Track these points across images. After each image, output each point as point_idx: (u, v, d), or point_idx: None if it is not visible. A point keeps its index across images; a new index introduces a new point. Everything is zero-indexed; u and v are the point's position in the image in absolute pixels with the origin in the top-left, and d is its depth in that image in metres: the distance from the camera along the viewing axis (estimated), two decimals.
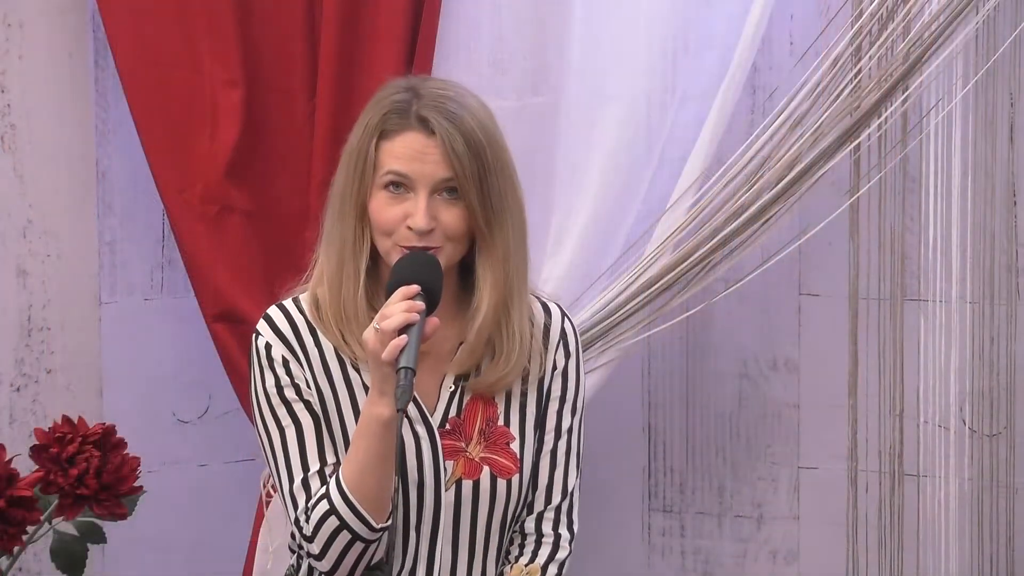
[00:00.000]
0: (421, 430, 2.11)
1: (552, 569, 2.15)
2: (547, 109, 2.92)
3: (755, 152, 2.85)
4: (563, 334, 2.19)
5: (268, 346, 2.12)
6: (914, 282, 3.00)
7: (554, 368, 2.17)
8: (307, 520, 2.06)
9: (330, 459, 2.09)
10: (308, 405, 2.10)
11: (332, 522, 2.04)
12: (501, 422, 2.13)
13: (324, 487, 2.06)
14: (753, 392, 3.16)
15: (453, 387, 2.13)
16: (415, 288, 1.98)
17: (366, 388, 2.09)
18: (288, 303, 2.16)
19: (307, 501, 2.08)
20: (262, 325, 2.14)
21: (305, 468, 2.09)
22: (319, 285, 2.13)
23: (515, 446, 2.13)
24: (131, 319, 3.09)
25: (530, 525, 2.17)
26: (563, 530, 2.17)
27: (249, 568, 2.92)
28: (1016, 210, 2.96)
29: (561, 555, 2.16)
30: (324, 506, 2.04)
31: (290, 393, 2.10)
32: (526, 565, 2.14)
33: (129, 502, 2.63)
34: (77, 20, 3.01)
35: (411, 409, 2.09)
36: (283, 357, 2.11)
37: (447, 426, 2.12)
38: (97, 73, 3.04)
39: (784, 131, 2.84)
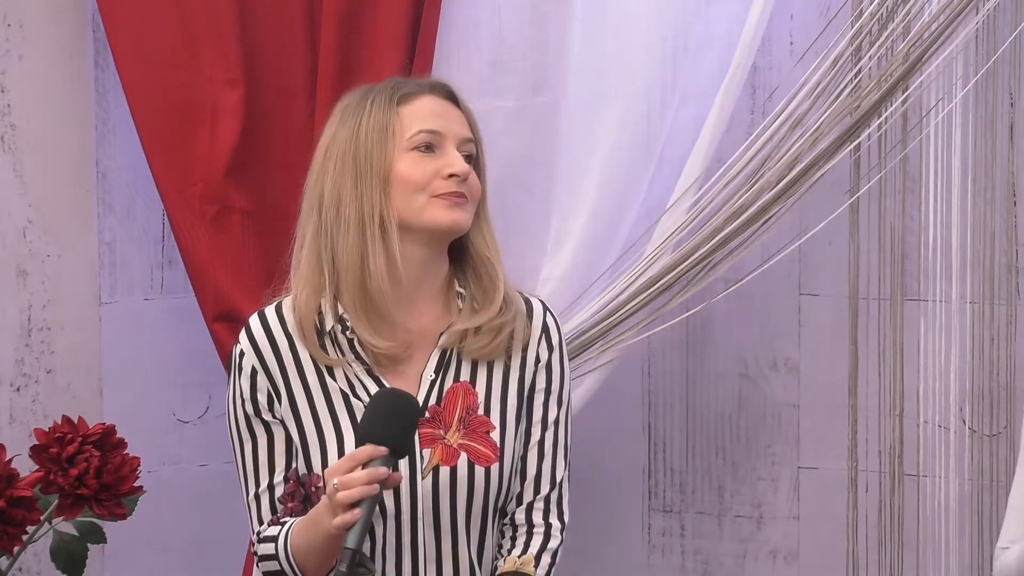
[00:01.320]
0: None
1: (545, 558, 2.16)
2: (547, 109, 2.93)
3: (755, 152, 2.85)
4: (545, 328, 2.20)
5: (242, 354, 2.14)
6: (914, 282, 3.00)
7: (537, 361, 2.18)
8: (259, 541, 2.11)
9: (277, 477, 2.12)
10: (265, 424, 2.13)
11: (275, 565, 2.10)
12: (481, 411, 2.14)
13: (278, 529, 2.09)
14: (753, 392, 3.16)
15: (434, 375, 2.14)
16: (382, 451, 1.94)
17: (343, 394, 2.10)
18: (269, 310, 2.17)
19: (259, 513, 2.13)
20: (242, 332, 2.15)
21: (257, 484, 2.14)
22: (302, 289, 2.12)
23: (495, 436, 2.13)
24: (131, 319, 3.09)
25: (520, 516, 2.17)
26: (553, 520, 2.17)
27: (249, 568, 2.92)
28: (1016, 210, 2.96)
29: (553, 544, 2.17)
30: (271, 548, 2.09)
31: (249, 408, 2.14)
32: (519, 556, 2.14)
33: (129, 502, 2.63)
34: (77, 20, 3.01)
35: None
36: (252, 368, 2.13)
37: (427, 414, 2.13)
38: (97, 73, 3.04)
39: (784, 131, 2.84)
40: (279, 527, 2.11)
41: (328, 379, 2.13)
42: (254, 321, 2.16)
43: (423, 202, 2.08)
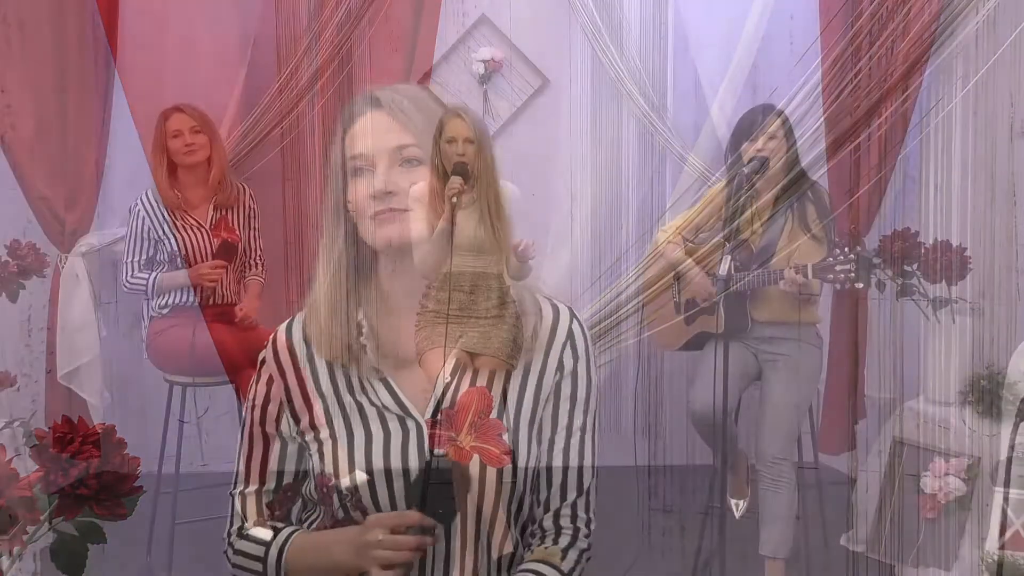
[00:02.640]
0: (411, 423, 2.11)
1: (572, 554, 2.16)
2: (547, 109, 2.93)
3: (755, 152, 2.85)
4: (571, 334, 2.19)
5: (263, 362, 2.14)
6: (915, 282, 3.00)
7: (560, 367, 2.17)
8: (241, 537, 2.12)
9: (265, 486, 2.15)
10: (265, 436, 2.15)
11: (258, 566, 2.11)
12: (495, 414, 2.14)
13: (270, 534, 2.10)
14: (753, 392, 3.16)
15: (449, 378, 2.14)
16: (430, 523, 1.99)
17: (356, 401, 2.10)
18: (296, 320, 2.17)
19: (243, 509, 2.16)
20: (271, 339, 2.15)
21: (246, 483, 2.17)
22: (309, 310, 2.14)
23: (507, 437, 2.13)
24: (131, 319, 3.09)
25: (548, 522, 2.17)
26: (580, 524, 2.18)
27: None
28: (1016, 210, 2.96)
29: (581, 545, 2.17)
30: (259, 550, 2.10)
31: (257, 414, 2.15)
32: (546, 548, 2.16)
33: (129, 502, 2.62)
34: (77, 20, 3.01)
35: (398, 408, 2.10)
36: (270, 376, 2.14)
37: (439, 416, 2.12)
38: (97, 73, 3.04)
39: (785, 130, 2.84)
40: (271, 532, 2.13)
41: (342, 385, 2.13)
42: (281, 330, 2.17)
43: (368, 225, 2.07)
